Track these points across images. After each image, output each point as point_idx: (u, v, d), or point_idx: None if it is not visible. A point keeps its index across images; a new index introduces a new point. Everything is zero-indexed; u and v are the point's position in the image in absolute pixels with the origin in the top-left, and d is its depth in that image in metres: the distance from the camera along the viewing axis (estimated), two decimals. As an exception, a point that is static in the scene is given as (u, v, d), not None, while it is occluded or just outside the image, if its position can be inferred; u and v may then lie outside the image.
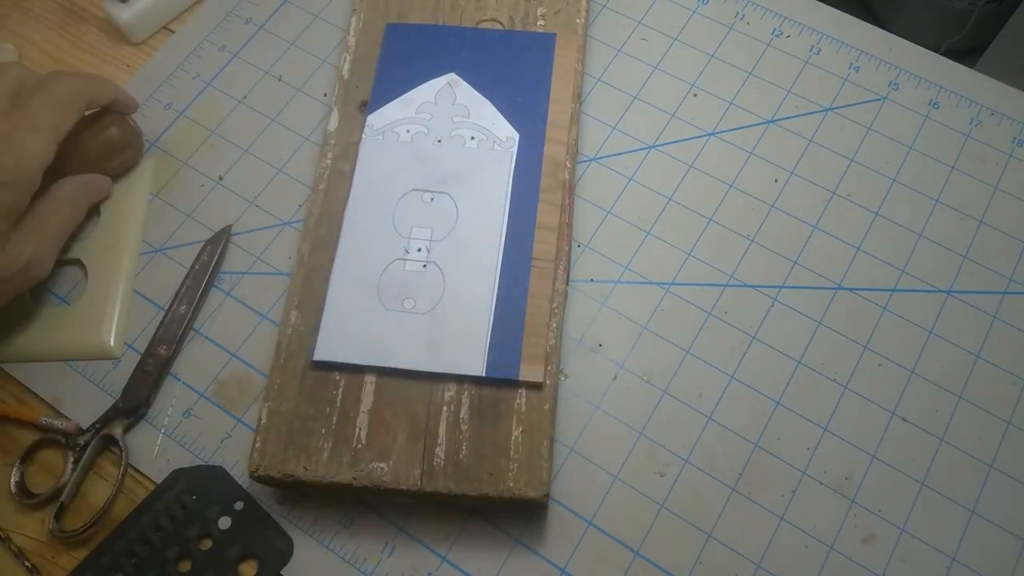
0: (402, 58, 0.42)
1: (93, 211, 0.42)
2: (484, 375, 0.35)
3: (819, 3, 0.47)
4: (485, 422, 0.34)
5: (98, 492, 0.37)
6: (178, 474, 0.36)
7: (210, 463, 0.36)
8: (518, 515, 0.35)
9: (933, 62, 0.45)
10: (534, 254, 0.37)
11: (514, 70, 0.42)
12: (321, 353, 0.35)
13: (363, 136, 0.40)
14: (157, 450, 0.37)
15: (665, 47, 0.45)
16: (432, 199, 0.39)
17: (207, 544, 0.35)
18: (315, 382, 0.35)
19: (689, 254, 0.40)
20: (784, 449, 0.36)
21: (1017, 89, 0.44)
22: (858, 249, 0.40)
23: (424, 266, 0.37)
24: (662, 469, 0.36)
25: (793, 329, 0.39)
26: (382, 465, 0.34)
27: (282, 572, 0.34)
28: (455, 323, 0.36)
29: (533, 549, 0.35)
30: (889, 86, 0.44)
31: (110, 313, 0.40)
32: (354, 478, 0.33)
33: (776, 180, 0.42)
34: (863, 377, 0.38)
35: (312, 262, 0.38)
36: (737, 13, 0.46)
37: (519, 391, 0.35)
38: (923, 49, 0.45)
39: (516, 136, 0.40)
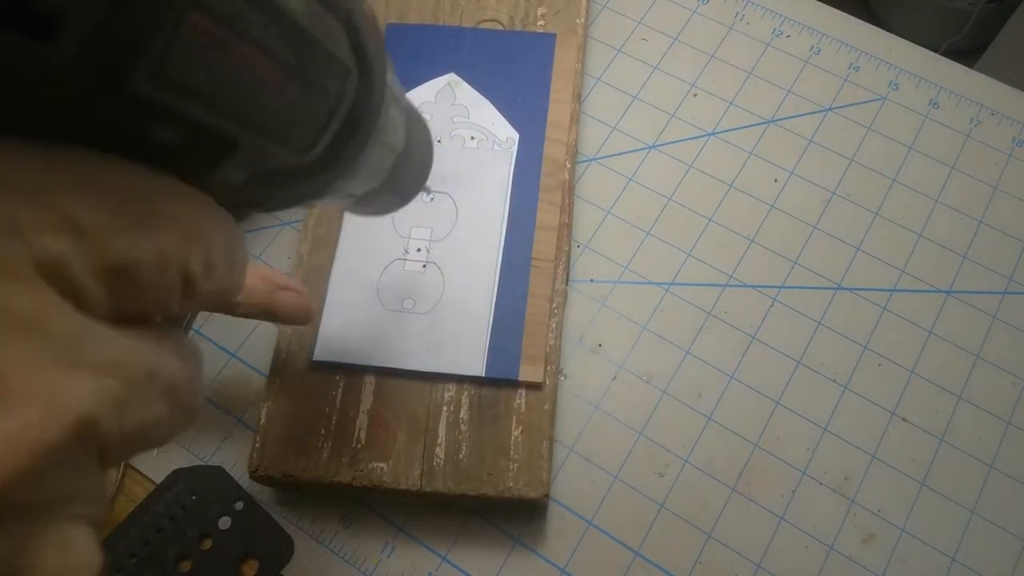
0: (402, 58, 0.42)
1: None
2: (484, 375, 0.35)
3: (819, 3, 0.47)
4: (485, 422, 0.34)
5: (98, 492, 0.37)
6: (178, 474, 0.36)
7: (210, 463, 0.36)
8: (518, 515, 0.35)
9: (933, 62, 0.45)
10: (534, 254, 0.37)
11: (514, 70, 0.42)
12: (321, 353, 0.35)
13: (363, 136, 0.40)
14: (157, 450, 0.37)
15: (665, 47, 0.45)
16: (432, 199, 0.39)
17: (207, 544, 0.35)
18: (315, 382, 0.35)
19: (689, 254, 0.40)
20: (784, 449, 0.36)
21: (1017, 89, 0.44)
22: (858, 249, 0.40)
23: (424, 266, 0.37)
24: (662, 469, 0.36)
25: (793, 329, 0.39)
26: (382, 465, 0.34)
27: (282, 572, 0.34)
28: (455, 323, 0.36)
29: (533, 549, 0.35)
30: (889, 86, 0.44)
31: (110, 313, 0.39)
32: (354, 478, 0.33)
33: (776, 180, 0.42)
34: (863, 377, 0.38)
35: (312, 262, 0.38)
36: (737, 13, 0.46)
37: (519, 391, 0.35)
38: (923, 49, 0.45)
39: (516, 136, 0.40)
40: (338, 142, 0.18)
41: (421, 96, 0.41)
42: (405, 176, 0.25)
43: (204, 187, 0.16)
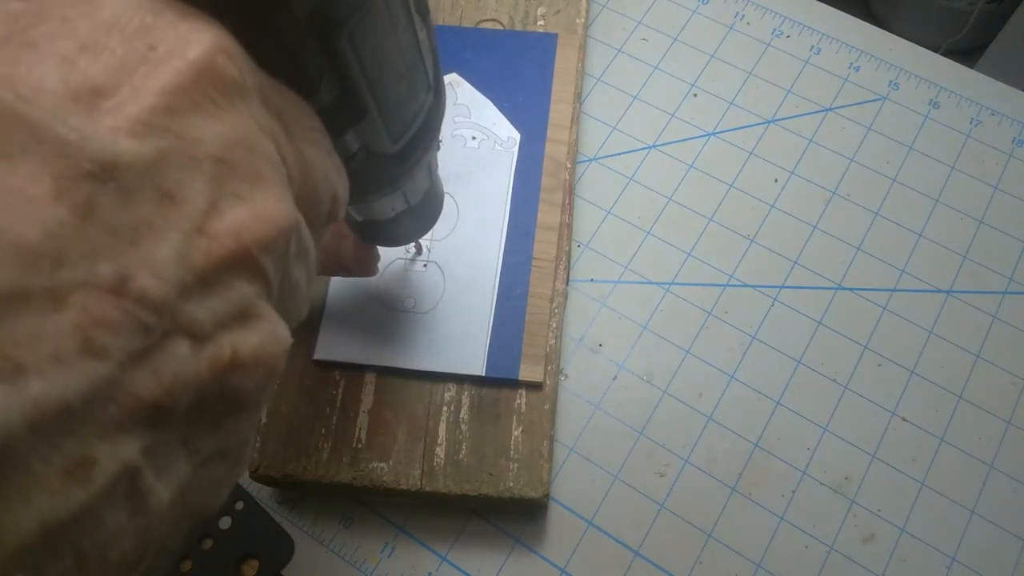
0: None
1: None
2: (484, 375, 0.35)
3: (819, 3, 0.47)
4: (485, 422, 0.34)
5: (98, 492, 0.37)
6: (178, 474, 0.36)
7: (210, 463, 0.36)
8: (518, 515, 0.35)
9: (933, 62, 0.45)
10: (535, 254, 0.37)
11: (515, 70, 0.42)
12: (321, 353, 0.35)
13: (363, 136, 0.40)
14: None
15: (665, 47, 0.45)
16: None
17: (208, 544, 0.35)
18: (315, 382, 0.35)
19: (689, 254, 0.40)
20: (784, 449, 0.36)
21: (1017, 89, 0.44)
22: (858, 249, 0.40)
23: (425, 265, 0.37)
24: (662, 469, 0.36)
25: (793, 329, 0.39)
26: (382, 465, 0.34)
27: (282, 572, 0.34)
28: (455, 323, 0.36)
29: (533, 549, 0.35)
30: (889, 86, 0.44)
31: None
32: (354, 478, 0.33)
33: (776, 180, 0.42)
34: (863, 377, 0.38)
35: (312, 262, 0.38)
36: (737, 13, 0.46)
37: (519, 391, 0.35)
38: (923, 49, 0.45)
39: (517, 136, 0.40)
40: (413, 142, 0.23)
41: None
42: (425, 209, 0.30)
43: None
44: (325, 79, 0.18)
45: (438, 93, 0.24)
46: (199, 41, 0.14)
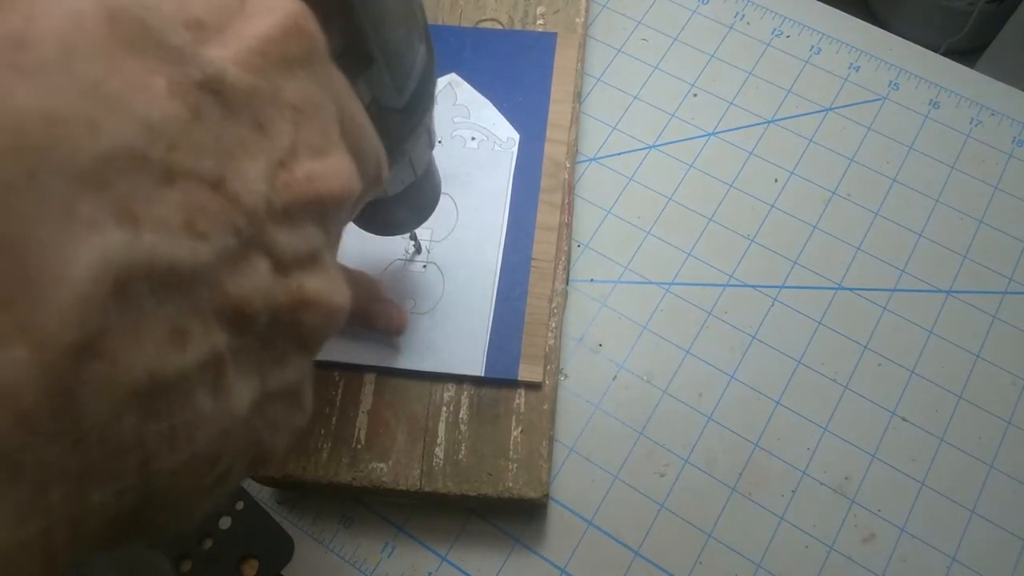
0: (402, 58, 0.42)
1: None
2: (483, 375, 0.35)
3: (819, 3, 0.47)
4: (484, 422, 0.34)
5: (98, 492, 0.37)
6: (178, 474, 0.36)
7: (210, 463, 0.36)
8: (518, 515, 0.35)
9: (933, 62, 0.45)
10: (534, 254, 0.37)
11: (515, 70, 0.42)
12: (321, 353, 0.35)
13: (363, 136, 0.40)
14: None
15: (665, 47, 0.45)
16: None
17: (208, 544, 0.35)
18: (315, 382, 0.35)
19: (689, 254, 0.40)
20: (784, 449, 0.36)
21: (1017, 89, 0.44)
22: (858, 249, 0.40)
23: (424, 266, 0.37)
24: (662, 469, 0.36)
25: (793, 329, 0.39)
26: (382, 465, 0.34)
27: (282, 572, 0.34)
28: (455, 323, 0.36)
29: (533, 549, 0.35)
30: (889, 86, 0.44)
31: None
32: (353, 478, 0.33)
33: (776, 180, 0.42)
34: (863, 377, 0.38)
35: (312, 262, 0.38)
36: (737, 13, 0.46)
37: (518, 391, 0.35)
38: (923, 49, 0.45)
39: (516, 136, 0.40)
40: (416, 97, 0.24)
41: (421, 96, 0.41)
42: (426, 189, 0.30)
43: None
44: (334, 23, 0.18)
45: (430, 48, 0.24)
46: (283, 5, 0.15)
